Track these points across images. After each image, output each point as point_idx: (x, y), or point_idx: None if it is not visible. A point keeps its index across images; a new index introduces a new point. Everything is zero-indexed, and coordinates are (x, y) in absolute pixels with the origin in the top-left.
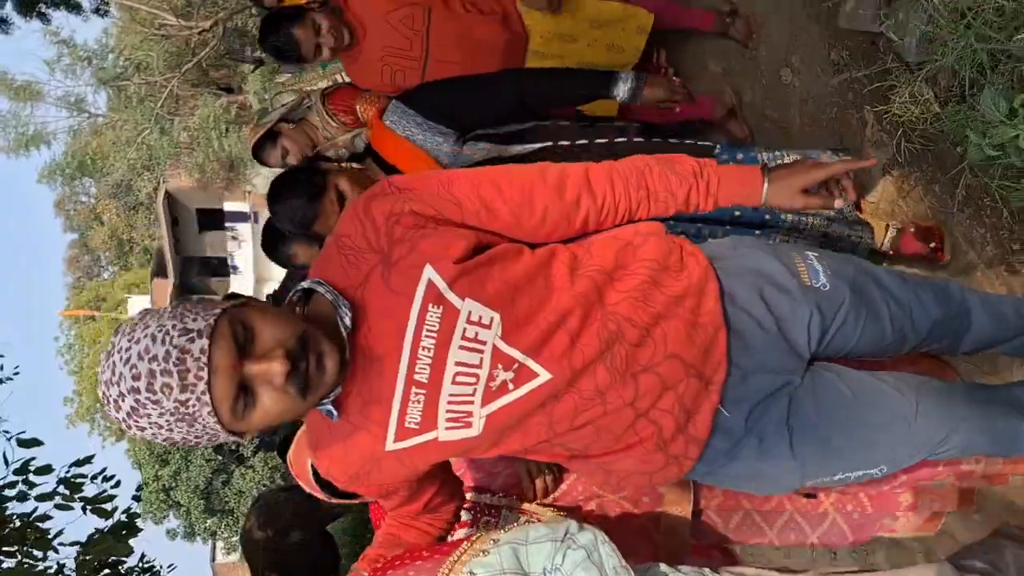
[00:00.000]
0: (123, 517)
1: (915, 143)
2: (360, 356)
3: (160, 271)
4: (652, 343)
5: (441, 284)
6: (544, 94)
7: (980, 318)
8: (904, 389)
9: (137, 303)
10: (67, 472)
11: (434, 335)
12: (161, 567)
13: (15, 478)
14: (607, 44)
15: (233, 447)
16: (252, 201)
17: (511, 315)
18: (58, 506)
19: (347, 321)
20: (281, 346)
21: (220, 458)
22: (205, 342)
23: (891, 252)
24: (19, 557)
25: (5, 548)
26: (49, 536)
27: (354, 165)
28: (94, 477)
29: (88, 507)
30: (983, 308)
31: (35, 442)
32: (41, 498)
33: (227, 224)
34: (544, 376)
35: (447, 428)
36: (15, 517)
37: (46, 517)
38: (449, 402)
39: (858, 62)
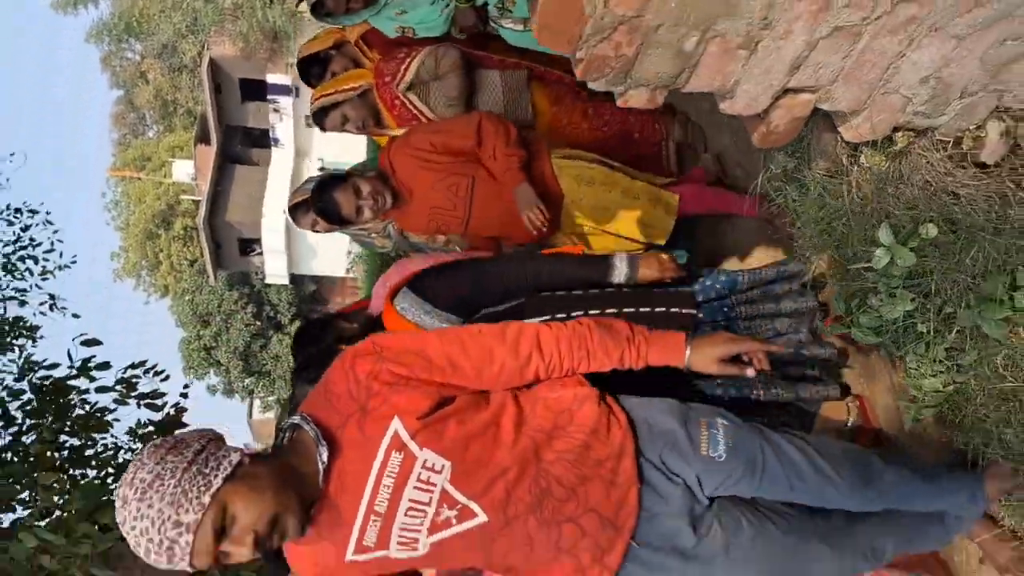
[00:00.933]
0: (171, 411)
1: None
2: (332, 484)
3: (204, 137)
4: (576, 500)
5: (404, 435)
6: (556, 283)
7: (908, 490)
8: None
9: (181, 167)
10: (123, 372)
11: (394, 476)
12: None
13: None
14: (639, 219)
15: (271, 315)
16: (294, 75)
17: (461, 463)
18: (116, 400)
19: (324, 458)
20: (252, 531)
21: (258, 323)
22: (191, 537)
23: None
24: (82, 439)
25: (68, 430)
26: (107, 419)
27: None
28: (147, 371)
29: (142, 402)
30: (906, 483)
31: (95, 342)
32: (101, 390)
33: (269, 96)
34: (482, 518)
35: (398, 548)
36: (78, 405)
37: (105, 409)
38: (401, 529)
39: None
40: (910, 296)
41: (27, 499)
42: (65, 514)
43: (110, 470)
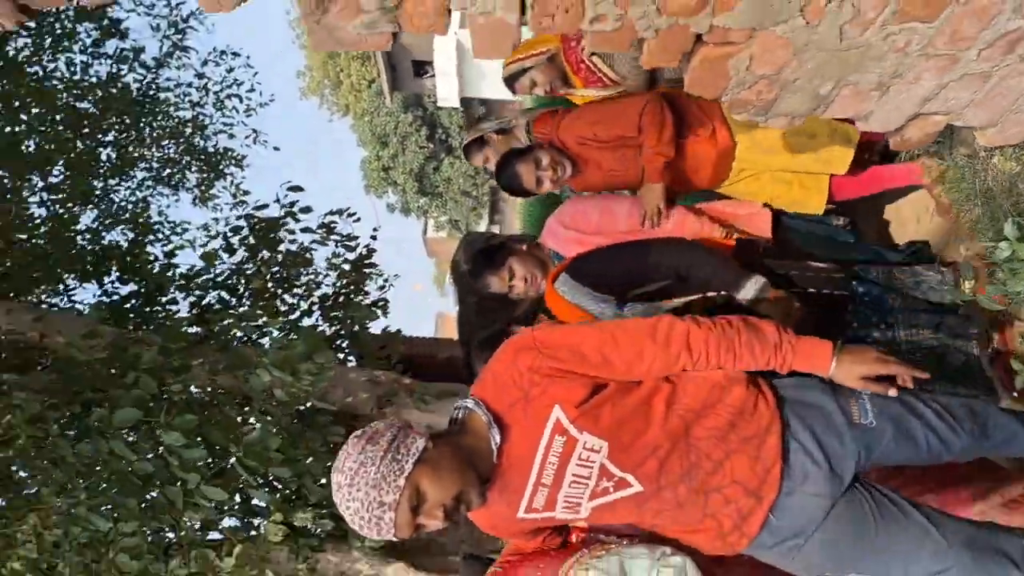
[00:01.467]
0: (363, 250)
1: None
2: (504, 458)
3: None
4: (722, 472)
5: (565, 421)
6: (697, 278)
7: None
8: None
9: None
10: (324, 217)
11: (557, 455)
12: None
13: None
14: (817, 153)
15: (443, 137)
16: None
17: (616, 442)
18: (316, 242)
19: (497, 439)
20: (441, 506)
21: (431, 145)
22: (393, 514)
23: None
24: (289, 272)
25: (278, 264)
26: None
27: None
28: (342, 212)
29: (339, 243)
30: (1015, 434)
31: (299, 188)
32: (305, 231)
33: None
34: (637, 487)
35: (563, 511)
36: (286, 242)
37: (309, 249)
38: (565, 497)
39: None
40: None
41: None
42: (286, 355)
43: (314, 299)
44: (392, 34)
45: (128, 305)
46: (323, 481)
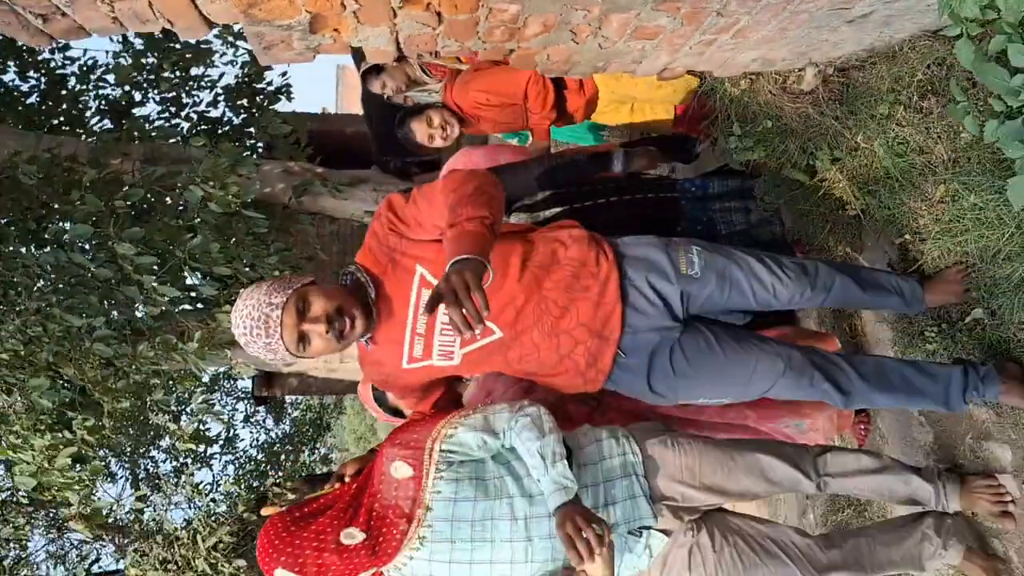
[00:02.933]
0: None
1: None
2: (384, 311)
3: None
4: (568, 316)
5: (428, 276)
6: (571, 177)
7: (851, 291)
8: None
9: None
10: None
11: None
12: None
13: None
14: (650, 107)
15: None
16: None
17: None
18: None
19: (372, 296)
20: (324, 313)
21: None
22: (279, 311)
23: None
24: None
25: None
26: None
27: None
28: None
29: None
30: (854, 284)
31: None
32: None
33: None
34: (499, 334)
35: (439, 358)
36: None
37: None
38: (439, 344)
39: None
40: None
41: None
42: (215, 171)
43: (219, 90)
44: None
45: (31, 101)
46: (252, 267)
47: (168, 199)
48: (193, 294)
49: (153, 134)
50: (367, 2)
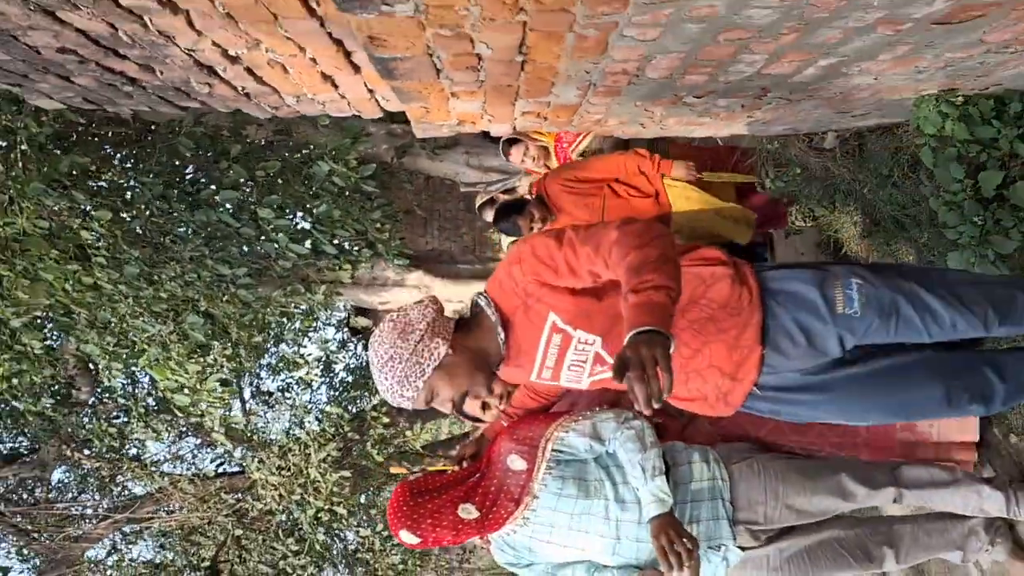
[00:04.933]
0: None
1: None
2: (513, 348)
3: None
4: (700, 357)
5: (560, 323)
6: None
7: None
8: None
9: None
10: None
11: (557, 348)
12: None
13: None
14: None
15: None
16: None
17: (608, 336)
18: None
19: (502, 337)
20: (451, 401)
21: None
22: (410, 404)
23: None
24: None
25: None
26: None
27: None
28: None
29: None
30: None
31: None
32: None
33: None
34: None
35: (566, 382)
36: None
37: None
38: (566, 376)
39: None
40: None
41: None
42: (338, 147)
43: None
44: None
45: None
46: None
47: (298, 166)
48: (315, 249)
49: None
50: (498, 115)
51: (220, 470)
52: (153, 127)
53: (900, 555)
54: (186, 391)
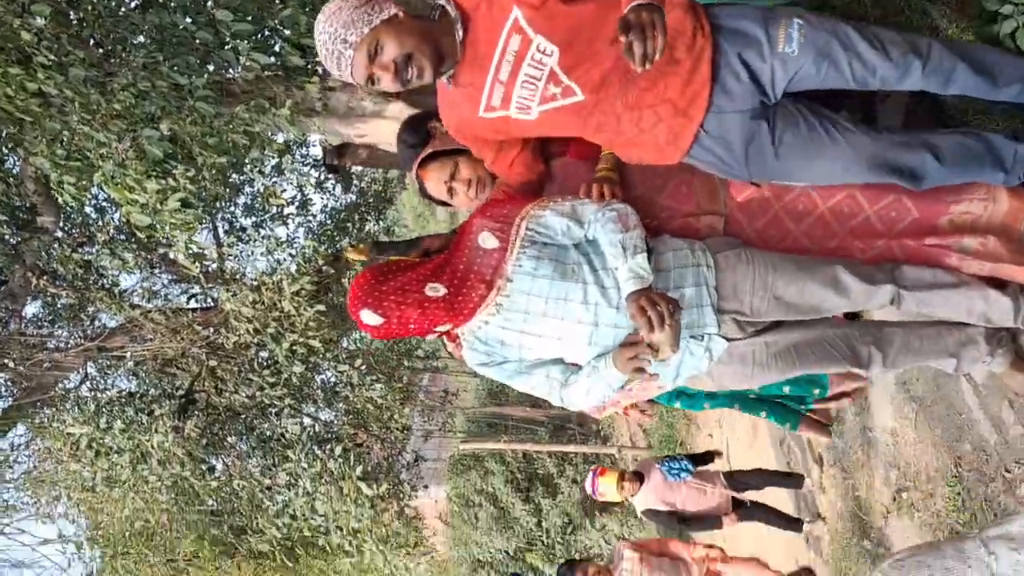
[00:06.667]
0: None
1: None
2: (469, 51)
3: None
4: (655, 91)
5: (522, 20)
6: None
7: (964, 75)
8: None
9: None
10: None
11: (513, 54)
12: None
13: None
14: None
15: None
16: None
17: (566, 51)
18: None
19: (459, 34)
20: (392, 60)
21: None
22: (351, 52)
23: None
24: None
25: None
26: None
27: None
28: None
29: None
30: (968, 67)
31: None
32: None
33: None
34: (580, 96)
35: (516, 111)
36: None
37: None
38: (518, 96)
39: None
40: None
41: None
42: None
43: None
44: None
45: None
46: None
47: None
48: (283, 65)
49: None
50: None
51: (192, 304)
52: None
53: (888, 358)
54: (145, 210)
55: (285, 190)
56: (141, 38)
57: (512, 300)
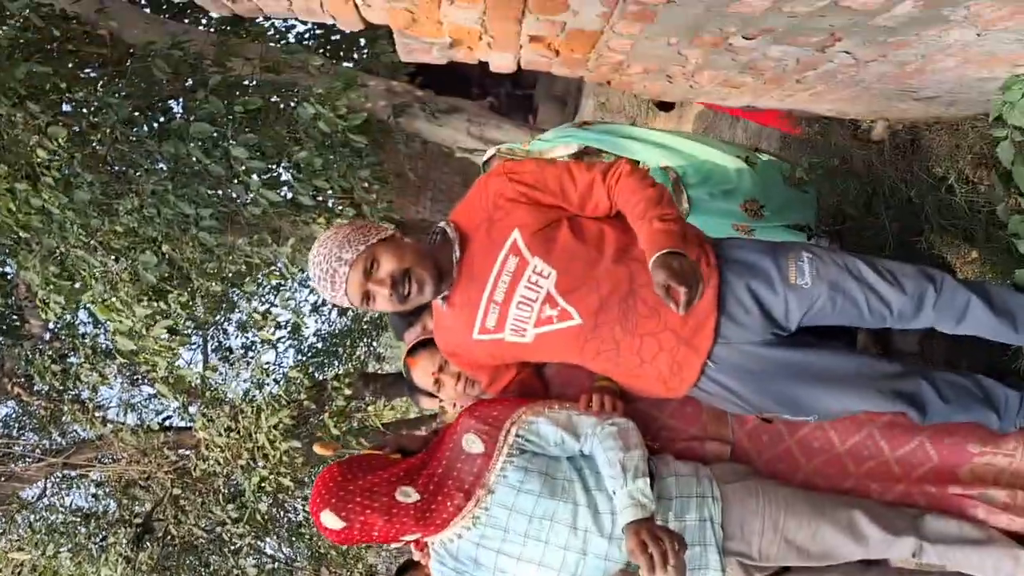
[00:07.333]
0: None
1: None
2: (466, 272)
3: None
4: (656, 318)
5: (520, 243)
6: None
7: (978, 314)
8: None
9: None
10: None
11: (510, 274)
12: None
13: None
14: None
15: None
16: None
17: (564, 274)
18: None
19: (457, 254)
20: (390, 275)
21: None
22: (347, 268)
23: None
24: None
25: None
26: None
27: None
28: None
29: None
30: (985, 306)
31: None
32: None
33: None
34: (577, 320)
35: (511, 334)
36: None
37: None
38: (514, 319)
39: None
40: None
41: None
42: (328, 92)
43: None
44: None
45: None
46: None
47: (281, 106)
48: (291, 196)
49: (273, 42)
50: (500, 35)
51: (167, 424)
52: (132, 51)
53: None
54: (131, 334)
55: (280, 314)
56: (154, 165)
57: (491, 514)
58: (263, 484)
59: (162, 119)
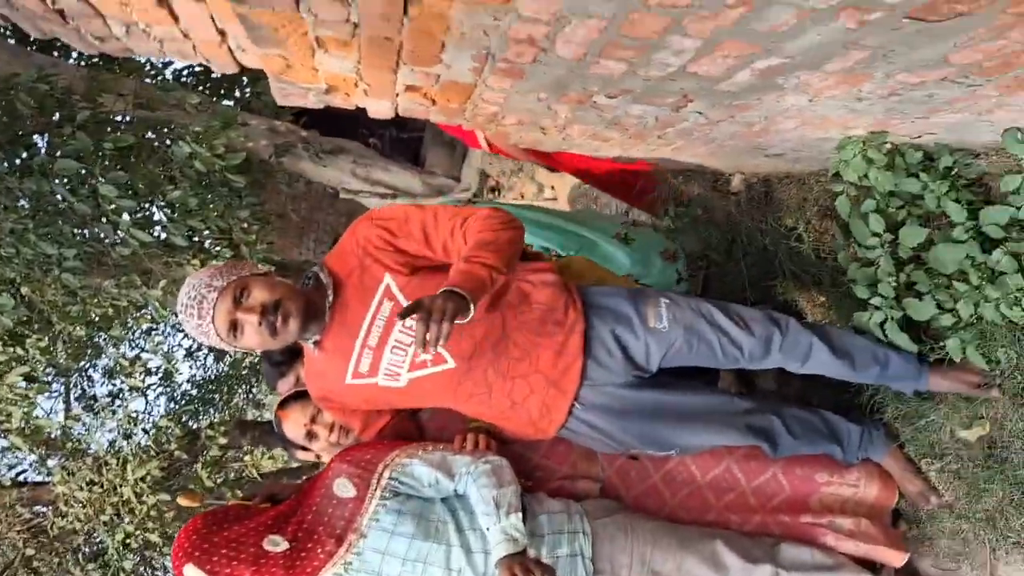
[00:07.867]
0: None
1: None
2: (339, 317)
3: None
4: (528, 361)
5: (394, 287)
6: None
7: (820, 355)
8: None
9: None
10: None
11: (384, 319)
12: None
13: None
14: None
15: None
16: None
17: None
18: None
19: (330, 298)
20: (260, 304)
21: None
22: (215, 295)
23: None
24: None
25: None
26: None
27: None
28: None
29: None
30: (826, 348)
31: None
32: None
33: None
34: (451, 364)
35: (384, 379)
36: None
37: None
38: (387, 364)
39: None
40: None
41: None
42: (205, 130)
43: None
44: None
45: None
46: (222, 216)
47: (155, 144)
48: (163, 236)
49: (148, 78)
50: (375, 83)
51: (20, 478)
52: None
53: None
54: None
55: (150, 359)
56: (14, 203)
57: (364, 559)
58: (128, 541)
59: (24, 155)
